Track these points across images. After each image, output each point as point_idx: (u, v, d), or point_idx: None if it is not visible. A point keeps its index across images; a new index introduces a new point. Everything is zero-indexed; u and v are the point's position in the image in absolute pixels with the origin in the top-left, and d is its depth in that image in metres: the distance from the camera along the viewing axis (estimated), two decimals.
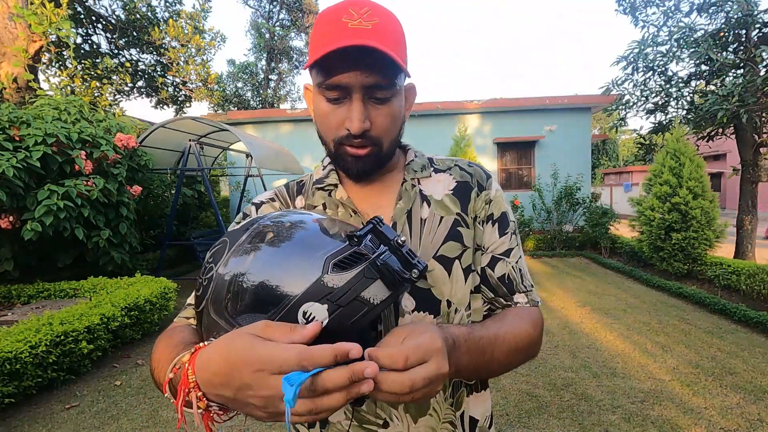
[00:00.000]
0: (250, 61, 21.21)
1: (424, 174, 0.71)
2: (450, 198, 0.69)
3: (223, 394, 0.40)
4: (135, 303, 3.68)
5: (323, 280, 0.41)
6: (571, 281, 6.11)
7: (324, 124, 0.62)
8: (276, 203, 0.72)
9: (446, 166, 0.74)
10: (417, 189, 0.69)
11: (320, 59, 0.54)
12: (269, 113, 11.18)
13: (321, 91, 0.59)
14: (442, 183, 0.71)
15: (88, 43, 9.95)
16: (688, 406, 2.63)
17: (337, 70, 0.56)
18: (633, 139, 14.78)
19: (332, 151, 0.63)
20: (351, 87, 0.57)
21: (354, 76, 0.56)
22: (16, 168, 3.73)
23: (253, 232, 0.47)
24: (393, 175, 0.71)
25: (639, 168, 19.72)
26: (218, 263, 0.46)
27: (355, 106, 0.57)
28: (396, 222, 0.66)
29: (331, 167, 0.72)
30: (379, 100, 0.59)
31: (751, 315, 4.01)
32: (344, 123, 0.59)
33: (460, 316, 0.65)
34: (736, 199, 8.82)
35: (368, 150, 0.61)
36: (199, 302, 0.48)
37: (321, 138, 0.65)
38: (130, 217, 5.06)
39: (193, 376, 0.41)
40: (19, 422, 2.54)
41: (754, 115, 5.50)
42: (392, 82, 0.59)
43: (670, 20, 6.39)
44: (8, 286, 4.42)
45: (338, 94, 0.58)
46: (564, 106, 9.94)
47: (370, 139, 0.60)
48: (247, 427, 2.50)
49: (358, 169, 0.62)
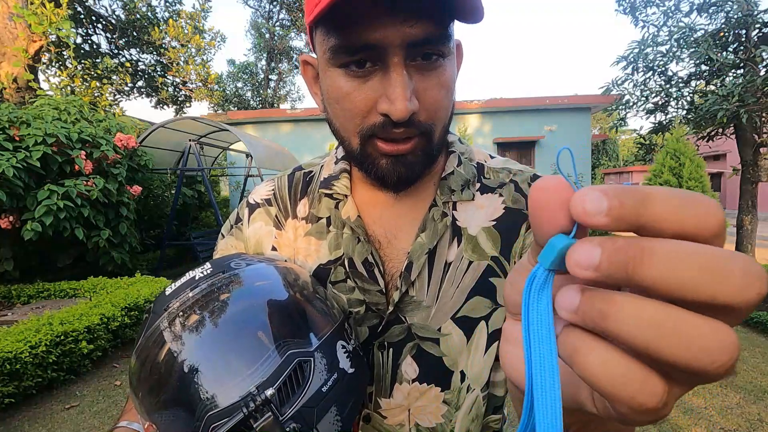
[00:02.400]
0: (250, 61, 21.23)
1: (464, 197, 0.50)
2: (489, 233, 0.49)
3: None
4: (135, 303, 3.68)
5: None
6: None
7: (342, 110, 0.42)
8: (272, 209, 0.57)
9: (499, 182, 0.52)
10: (448, 219, 0.49)
11: (333, 4, 0.35)
12: (269, 113, 11.19)
13: (336, 60, 0.40)
14: (486, 210, 0.50)
15: (88, 43, 9.95)
16: (688, 406, 2.63)
17: (361, 20, 0.36)
18: (633, 139, 14.79)
19: (356, 150, 0.44)
20: (387, 47, 0.37)
21: (390, 29, 0.36)
22: (16, 168, 3.73)
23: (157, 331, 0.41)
24: (421, 192, 0.51)
25: (639, 168, 19.72)
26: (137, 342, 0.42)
27: (396, 77, 0.38)
28: (412, 263, 0.48)
29: (344, 164, 0.53)
30: (428, 60, 0.39)
31: (751, 315, 4.01)
32: (377, 105, 0.40)
33: (473, 398, 0.50)
34: (736, 199, 8.82)
35: (413, 144, 0.42)
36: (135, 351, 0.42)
37: (336, 133, 0.45)
38: (130, 217, 5.06)
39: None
40: (19, 422, 2.54)
41: (754, 115, 5.50)
42: (446, 32, 0.39)
43: (670, 20, 6.39)
44: (8, 286, 4.42)
45: (366, 57, 0.39)
46: (564, 106, 9.95)
47: (417, 126, 0.41)
48: None
49: (399, 175, 0.43)
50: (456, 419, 0.50)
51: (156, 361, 0.39)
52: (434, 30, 0.37)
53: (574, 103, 9.91)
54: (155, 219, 6.90)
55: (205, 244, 6.71)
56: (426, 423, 0.50)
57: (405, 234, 0.50)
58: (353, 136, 0.43)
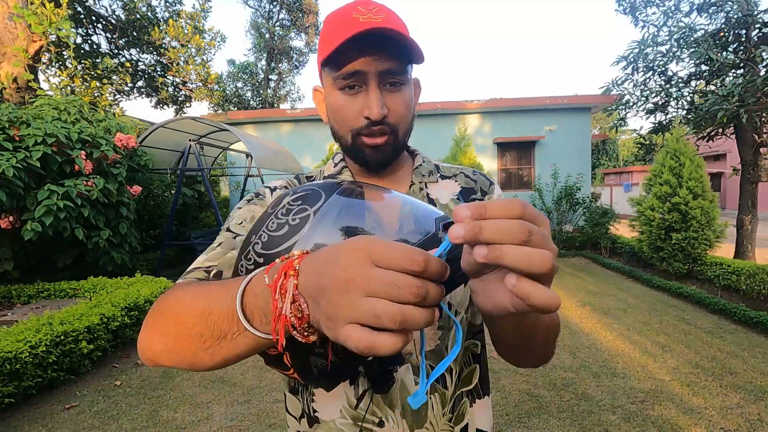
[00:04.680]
0: (250, 61, 21.23)
1: (431, 179, 0.73)
2: (455, 202, 0.71)
3: (326, 286, 0.31)
4: (135, 303, 3.68)
5: (439, 236, 0.42)
6: (571, 281, 6.11)
7: (340, 117, 0.62)
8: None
9: (452, 173, 0.76)
10: (424, 192, 0.71)
11: (335, 49, 0.56)
12: (269, 113, 11.19)
13: (336, 83, 0.61)
14: (448, 189, 0.73)
15: (88, 43, 9.95)
16: (688, 406, 2.63)
17: (352, 58, 0.58)
18: (633, 139, 14.78)
19: (349, 144, 0.64)
20: (366, 74, 0.58)
21: (369, 62, 0.58)
22: (16, 168, 3.74)
23: (346, 191, 0.47)
24: (401, 177, 0.72)
25: (639, 168, 19.71)
26: (315, 206, 0.44)
27: (373, 93, 0.59)
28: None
29: (343, 164, 0.72)
30: (394, 85, 0.60)
31: (751, 315, 4.01)
32: (362, 112, 0.60)
33: (460, 318, 0.65)
34: (736, 199, 8.82)
35: (386, 138, 0.62)
36: (275, 242, 0.43)
37: (335, 135, 0.66)
38: (130, 217, 5.06)
39: (298, 265, 0.35)
40: (19, 422, 2.54)
41: (754, 115, 5.50)
42: (404, 69, 0.61)
43: (670, 20, 6.39)
44: (8, 286, 4.42)
45: (354, 82, 0.59)
46: (564, 106, 9.95)
47: (388, 125, 0.61)
48: (247, 426, 2.50)
49: (377, 159, 0.63)
50: (448, 338, 0.63)
51: None
52: (395, 66, 0.59)
53: (574, 103, 9.90)
54: (155, 219, 6.90)
55: (205, 244, 6.71)
56: (427, 347, 0.63)
57: None
58: (347, 134, 0.63)
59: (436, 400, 0.62)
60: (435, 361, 0.62)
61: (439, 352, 0.63)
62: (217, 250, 0.62)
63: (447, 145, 8.59)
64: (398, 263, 0.29)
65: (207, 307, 0.41)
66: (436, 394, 0.62)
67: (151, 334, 0.47)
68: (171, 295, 0.47)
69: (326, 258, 0.33)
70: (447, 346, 0.63)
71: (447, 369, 0.62)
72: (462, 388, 0.66)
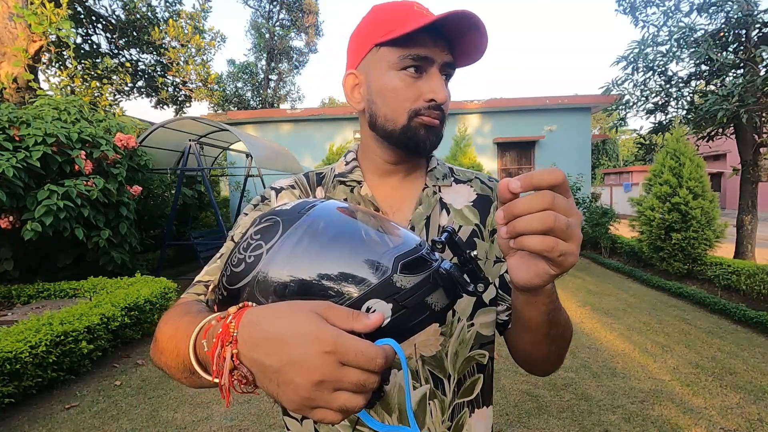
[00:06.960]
0: (250, 61, 21.22)
1: (445, 182, 0.72)
2: (470, 209, 0.70)
3: (264, 362, 0.34)
4: (135, 303, 3.68)
5: (393, 279, 0.40)
6: (571, 281, 6.11)
7: (397, 98, 0.62)
8: (296, 191, 0.70)
9: (467, 178, 0.75)
10: (438, 197, 0.70)
11: (415, 29, 0.57)
12: (269, 113, 11.19)
13: (400, 63, 0.60)
14: (463, 194, 0.72)
15: (88, 43, 9.94)
16: (688, 406, 2.63)
17: (426, 43, 0.59)
18: (633, 139, 14.78)
19: (403, 125, 0.63)
20: (434, 60, 0.60)
21: (437, 51, 0.60)
22: (16, 168, 3.73)
23: (308, 219, 0.44)
24: (415, 179, 0.71)
25: (639, 168, 19.71)
26: (270, 243, 0.42)
27: (438, 78, 0.61)
28: (414, 226, 0.66)
29: (355, 163, 0.71)
30: (447, 79, 0.63)
31: (751, 315, 4.01)
32: (422, 95, 0.61)
33: (461, 326, 0.64)
34: (736, 199, 8.82)
35: (440, 123, 0.63)
36: (235, 278, 0.43)
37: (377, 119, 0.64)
38: (130, 217, 5.06)
39: (235, 330, 0.36)
40: (19, 422, 2.54)
41: (754, 115, 5.50)
42: (455, 66, 0.64)
43: (670, 20, 6.39)
44: (8, 286, 4.42)
45: (421, 64, 0.60)
46: (564, 106, 9.94)
47: (442, 112, 0.63)
48: (247, 426, 2.50)
49: (430, 140, 0.63)
50: (448, 345, 0.64)
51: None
52: (453, 61, 0.62)
53: (574, 103, 9.90)
54: (155, 219, 6.90)
55: (205, 244, 6.71)
56: (428, 353, 0.63)
57: (407, 207, 0.68)
58: (401, 116, 0.62)
59: (435, 406, 0.62)
60: (434, 366, 0.63)
61: (440, 359, 0.63)
62: (217, 263, 0.65)
63: (447, 144, 8.58)
64: (362, 365, 0.33)
65: (176, 347, 0.46)
66: (435, 400, 0.62)
67: (154, 352, 0.53)
68: (165, 322, 0.52)
69: (275, 334, 0.34)
70: (447, 353, 0.63)
71: (445, 374, 0.64)
72: (463, 397, 0.65)
